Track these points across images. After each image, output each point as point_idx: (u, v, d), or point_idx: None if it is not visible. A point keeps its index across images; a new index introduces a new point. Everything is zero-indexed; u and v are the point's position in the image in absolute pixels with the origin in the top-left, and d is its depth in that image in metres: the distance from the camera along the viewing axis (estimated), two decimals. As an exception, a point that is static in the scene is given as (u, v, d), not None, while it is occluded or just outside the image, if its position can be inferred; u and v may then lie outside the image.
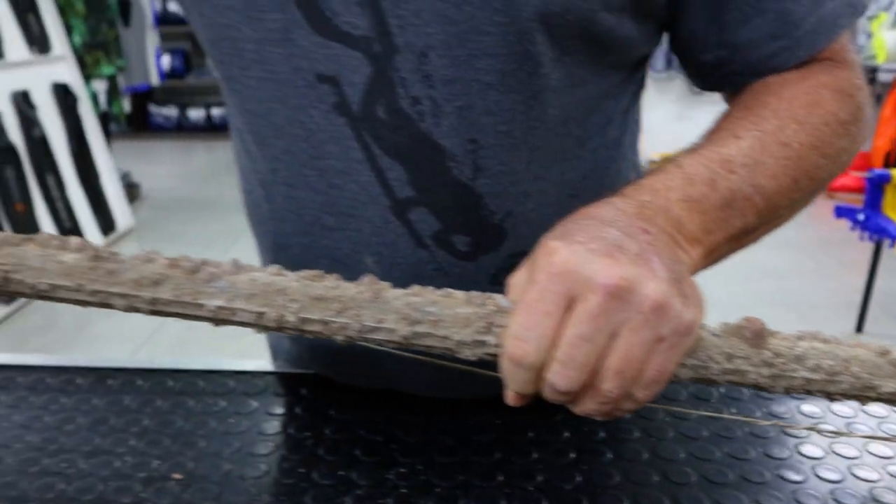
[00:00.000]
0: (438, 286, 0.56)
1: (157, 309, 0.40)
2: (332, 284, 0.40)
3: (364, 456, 0.59)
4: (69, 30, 3.74)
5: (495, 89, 0.51)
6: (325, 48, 0.51)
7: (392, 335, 0.40)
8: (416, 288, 0.41)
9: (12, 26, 3.33)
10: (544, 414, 0.63)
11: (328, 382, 0.69)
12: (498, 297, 0.41)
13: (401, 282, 0.56)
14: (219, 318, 0.40)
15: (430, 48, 0.49)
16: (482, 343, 0.40)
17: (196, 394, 0.68)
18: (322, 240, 0.57)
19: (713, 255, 0.47)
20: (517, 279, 0.41)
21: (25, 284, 0.40)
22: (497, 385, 0.64)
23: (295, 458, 0.59)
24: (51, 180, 3.33)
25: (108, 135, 4.03)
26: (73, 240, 0.40)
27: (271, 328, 0.40)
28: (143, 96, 5.83)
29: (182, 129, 6.12)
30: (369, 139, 0.52)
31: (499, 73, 0.50)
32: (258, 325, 0.40)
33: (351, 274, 0.58)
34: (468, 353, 0.40)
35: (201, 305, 0.40)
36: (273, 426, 0.64)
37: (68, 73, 3.65)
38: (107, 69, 4.02)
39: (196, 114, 6.10)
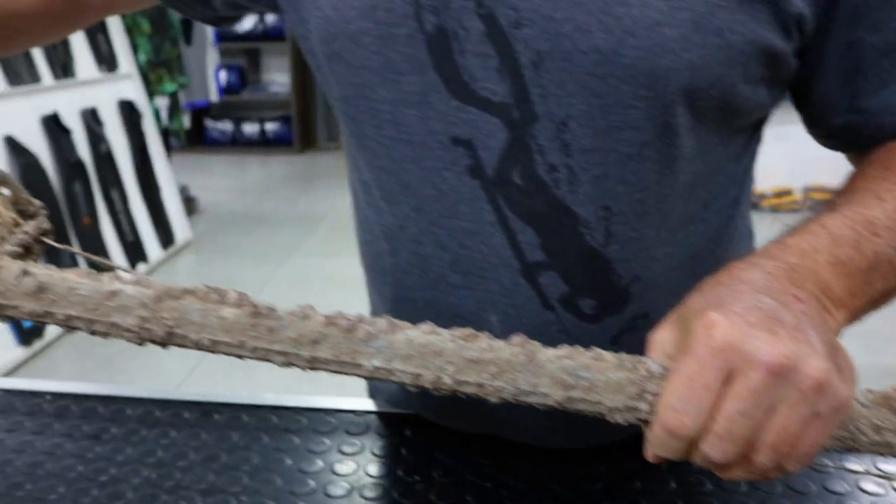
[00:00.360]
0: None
1: (315, 366, 0.41)
2: (485, 346, 0.41)
3: (475, 502, 0.59)
4: (135, 48, 3.85)
5: (633, 160, 0.51)
6: (462, 112, 0.52)
7: (546, 399, 0.40)
8: (566, 349, 0.41)
9: (83, 46, 3.44)
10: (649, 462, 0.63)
11: (430, 424, 0.69)
12: (648, 361, 0.41)
13: (523, 341, 0.57)
14: (376, 377, 0.41)
15: (570, 118, 0.50)
16: (634, 409, 0.40)
17: (299, 431, 0.70)
18: (447, 297, 0.58)
19: (854, 318, 0.46)
20: (663, 338, 0.41)
21: (189, 339, 0.41)
22: (604, 436, 0.65)
23: (407, 502, 0.60)
24: (115, 194, 3.42)
25: (169, 149, 4.13)
26: (231, 293, 0.41)
27: (426, 388, 0.41)
28: (200, 111, 5.95)
29: (236, 143, 6.24)
30: (502, 202, 0.53)
31: (638, 144, 0.51)
32: (414, 385, 0.41)
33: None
34: (619, 419, 0.40)
35: (359, 365, 0.40)
36: (380, 468, 0.64)
37: (133, 90, 3.75)
38: (169, 86, 4.12)
39: (250, 128, 6.21)
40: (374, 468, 0.64)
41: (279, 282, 3.46)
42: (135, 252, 3.47)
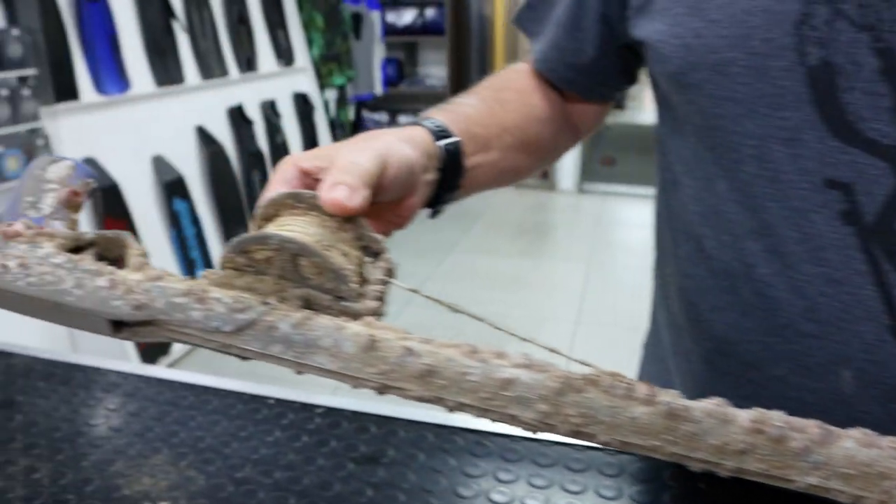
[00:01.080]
0: None
1: (738, 475, 0.37)
2: None
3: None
4: (310, 43, 3.99)
5: None
6: (841, 153, 0.47)
7: None
8: None
9: (265, 41, 3.60)
10: None
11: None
12: None
13: (878, 401, 0.52)
14: (806, 493, 0.37)
15: None
16: None
17: (516, 461, 0.67)
18: (792, 344, 0.54)
19: None
20: None
21: (596, 439, 0.38)
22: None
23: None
24: (287, 184, 3.57)
25: (335, 140, 4.27)
26: (640, 387, 0.38)
27: None
28: (361, 103, 6.12)
29: (390, 134, 6.38)
30: (879, 253, 0.48)
31: None
32: None
33: (819, 383, 0.54)
34: None
35: (791, 481, 0.36)
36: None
37: (307, 83, 3.89)
38: (338, 79, 4.25)
39: (405, 120, 6.33)
40: (664, 522, 0.60)
41: (439, 278, 3.50)
42: (303, 240, 3.61)
